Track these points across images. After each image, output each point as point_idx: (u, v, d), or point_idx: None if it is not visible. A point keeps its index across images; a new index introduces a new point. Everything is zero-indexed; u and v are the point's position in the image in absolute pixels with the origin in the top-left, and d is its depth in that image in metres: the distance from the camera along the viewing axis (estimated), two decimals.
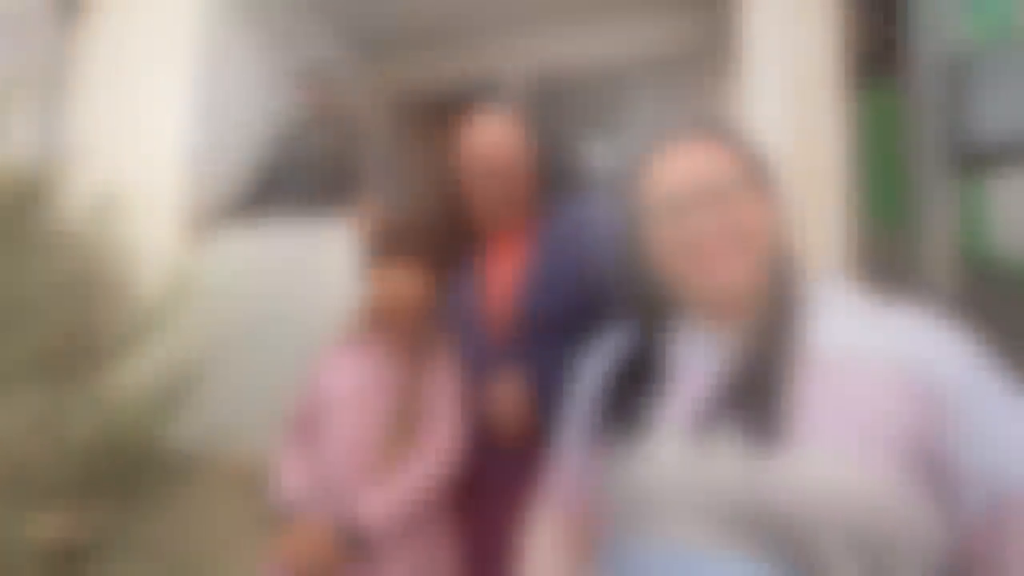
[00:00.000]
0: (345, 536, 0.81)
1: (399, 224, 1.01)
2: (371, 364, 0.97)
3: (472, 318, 0.96)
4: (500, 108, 1.07)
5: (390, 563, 0.84)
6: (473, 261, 1.03)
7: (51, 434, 1.13)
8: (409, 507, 0.86)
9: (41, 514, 1.13)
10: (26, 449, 0.90)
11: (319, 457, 0.97)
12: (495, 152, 1.00)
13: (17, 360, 0.97)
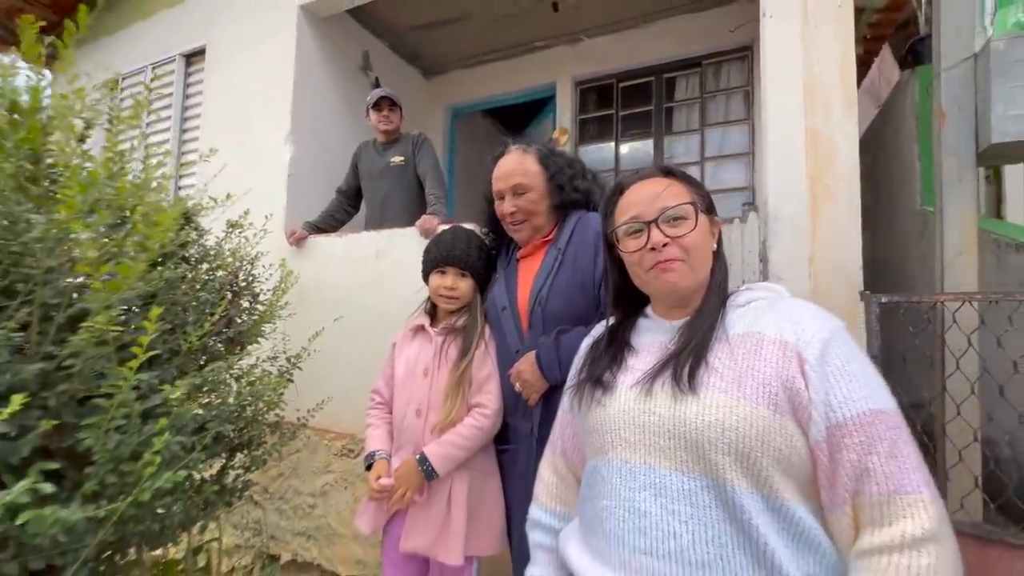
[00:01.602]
0: (421, 468, 1.13)
1: (450, 241, 1.31)
2: (432, 346, 1.28)
3: (506, 312, 1.25)
4: (523, 145, 1.33)
5: (455, 483, 1.16)
6: (507, 268, 1.31)
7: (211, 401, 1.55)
8: (465, 448, 1.17)
9: (206, 461, 1.55)
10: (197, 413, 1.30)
11: (396, 416, 1.30)
12: (518, 174, 1.27)
13: (188, 346, 1.38)
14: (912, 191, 2.70)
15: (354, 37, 3.26)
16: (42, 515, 0.88)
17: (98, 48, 3.68)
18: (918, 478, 0.65)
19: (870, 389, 0.70)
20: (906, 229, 3.00)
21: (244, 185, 2.46)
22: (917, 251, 2.84)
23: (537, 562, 0.91)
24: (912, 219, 2.89)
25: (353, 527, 2.19)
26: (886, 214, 3.25)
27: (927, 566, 0.61)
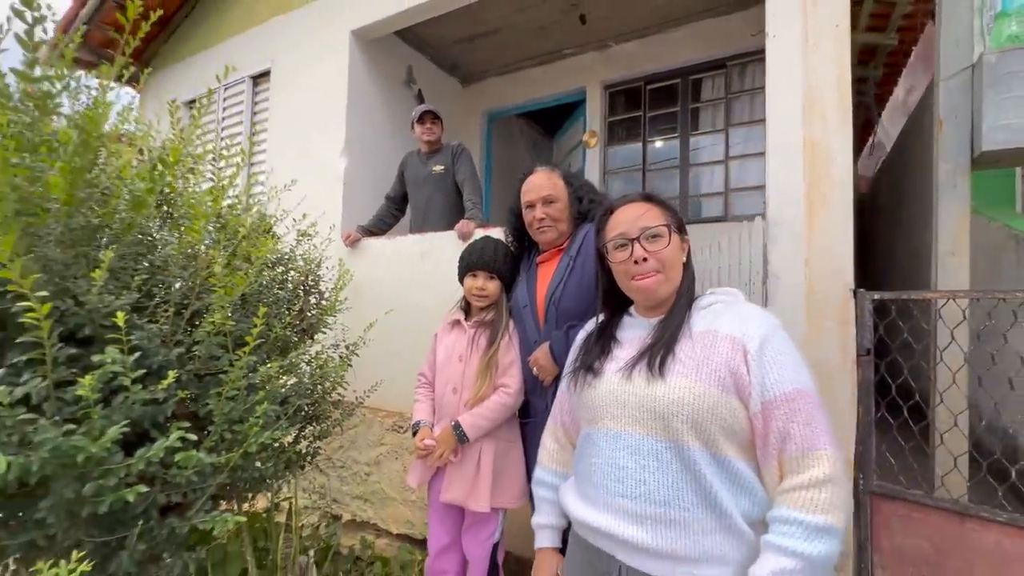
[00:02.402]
0: (455, 433, 1.42)
1: (481, 249, 1.58)
2: (466, 336, 1.56)
3: (526, 309, 1.50)
4: (548, 167, 1.58)
5: (483, 447, 1.44)
6: (528, 271, 1.56)
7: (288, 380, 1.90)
8: (493, 420, 1.44)
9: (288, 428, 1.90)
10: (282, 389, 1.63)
11: (437, 393, 1.59)
12: (546, 189, 1.52)
13: (273, 336, 1.71)
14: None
15: (398, 53, 3.56)
16: (190, 455, 1.22)
17: (176, 71, 4.17)
18: (825, 439, 0.87)
19: (795, 373, 0.91)
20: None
21: (306, 194, 2.82)
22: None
23: (541, 511, 1.18)
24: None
25: (403, 492, 2.54)
26: (924, 210, 3.27)
27: (824, 499, 0.83)
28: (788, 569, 0.82)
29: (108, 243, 1.34)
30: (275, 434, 1.45)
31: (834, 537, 0.83)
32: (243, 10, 3.75)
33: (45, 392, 1.13)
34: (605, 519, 0.96)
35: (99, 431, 1.14)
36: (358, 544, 2.68)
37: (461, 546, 1.54)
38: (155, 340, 1.30)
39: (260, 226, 1.92)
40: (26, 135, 1.14)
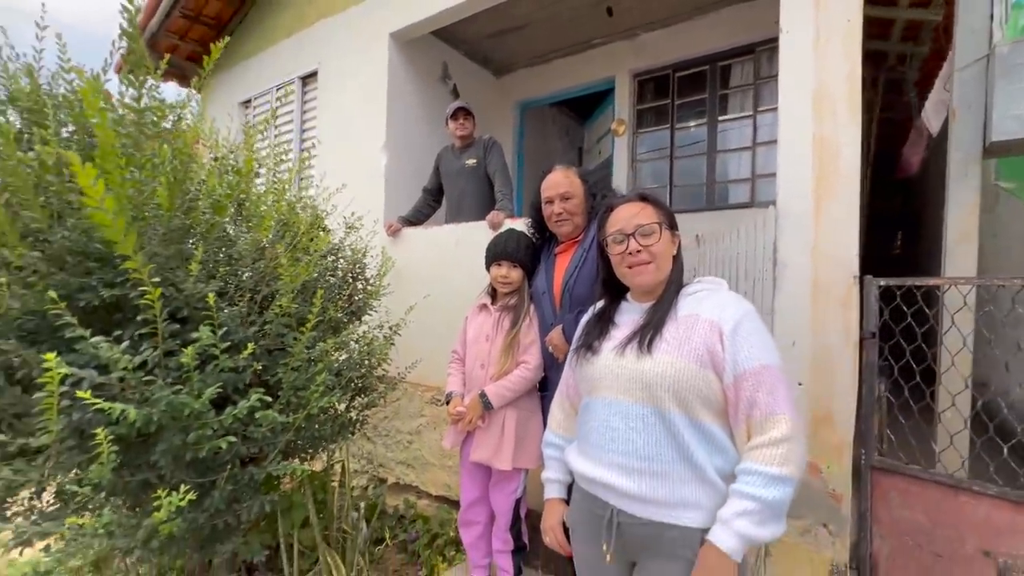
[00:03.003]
0: (482, 401, 1.64)
1: (505, 241, 1.77)
2: (492, 318, 1.77)
3: (545, 295, 1.69)
4: (565, 166, 1.74)
5: (507, 415, 1.66)
6: (547, 260, 1.75)
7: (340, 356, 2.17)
8: (514, 391, 1.65)
9: (342, 396, 2.17)
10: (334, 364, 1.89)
11: (467, 368, 1.81)
12: (559, 190, 1.69)
13: (328, 317, 1.97)
14: (989, 165, 2.70)
15: (433, 50, 3.75)
16: (267, 413, 1.49)
17: (232, 73, 4.52)
18: (785, 406, 1.03)
19: (763, 352, 1.07)
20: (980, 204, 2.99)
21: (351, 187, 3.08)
22: (988, 226, 2.86)
23: (550, 468, 1.38)
24: (986, 194, 2.89)
25: (442, 458, 2.81)
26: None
27: (781, 454, 0.99)
28: (748, 510, 0.99)
29: (196, 241, 1.62)
30: (331, 400, 1.72)
31: (788, 485, 0.99)
32: (291, 15, 4.02)
33: (157, 360, 1.43)
34: (600, 471, 1.15)
35: (198, 392, 1.43)
36: (402, 504, 2.99)
37: (489, 500, 1.77)
38: (236, 320, 1.58)
39: (315, 222, 2.19)
40: (134, 155, 1.42)
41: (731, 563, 1.00)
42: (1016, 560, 1.53)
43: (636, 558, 1.14)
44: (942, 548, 1.67)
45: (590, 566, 1.22)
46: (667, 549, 1.07)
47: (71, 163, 1.04)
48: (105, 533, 1.43)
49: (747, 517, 0.99)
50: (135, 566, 2.15)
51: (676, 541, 1.06)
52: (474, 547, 1.84)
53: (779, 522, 1.02)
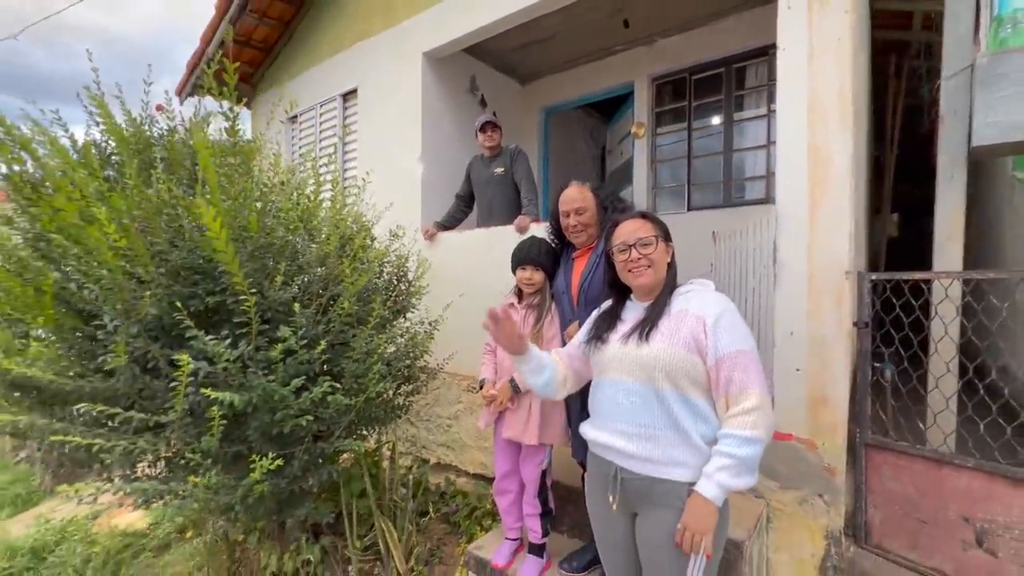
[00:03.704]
0: (511, 386, 1.92)
1: (528, 248, 2.03)
2: (519, 315, 2.04)
3: (564, 295, 1.95)
4: (580, 182, 1.99)
5: (533, 399, 1.93)
6: (566, 264, 2.00)
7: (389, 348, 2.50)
8: None
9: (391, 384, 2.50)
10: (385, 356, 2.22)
11: (498, 358, 2.10)
12: (574, 205, 1.94)
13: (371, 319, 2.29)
14: (1007, 161, 2.78)
15: (463, 65, 4.02)
16: (336, 397, 1.83)
17: (282, 92, 4.92)
18: (756, 382, 1.26)
19: (739, 339, 1.31)
20: (1000, 194, 3.08)
21: (390, 196, 3.41)
22: (1007, 217, 2.96)
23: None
24: (1004, 185, 2.99)
25: (478, 440, 3.12)
26: (989, 183, 3.28)
27: (751, 420, 1.23)
28: (727, 465, 1.24)
29: (274, 255, 1.96)
30: (384, 386, 2.04)
31: (757, 445, 1.23)
32: (332, 37, 4.37)
33: (250, 354, 1.77)
34: (607, 436, 1.42)
35: (283, 380, 1.78)
36: (443, 481, 3.32)
37: (519, 472, 2.06)
38: (309, 320, 1.92)
39: (364, 233, 2.52)
40: (229, 189, 1.77)
41: (714, 507, 1.25)
42: (991, 524, 1.71)
43: (637, 509, 1.40)
44: (927, 515, 1.86)
45: (601, 518, 1.49)
46: (660, 499, 1.33)
47: (197, 206, 1.37)
48: (213, 491, 1.79)
49: (726, 471, 1.24)
50: (225, 526, 2.56)
51: (668, 493, 1.32)
52: (508, 512, 2.13)
53: (752, 474, 1.26)
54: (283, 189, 2.28)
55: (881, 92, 4.72)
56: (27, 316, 1.71)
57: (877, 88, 4.69)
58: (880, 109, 4.89)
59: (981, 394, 1.73)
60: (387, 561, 2.63)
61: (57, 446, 1.89)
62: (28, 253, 1.77)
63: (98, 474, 2.17)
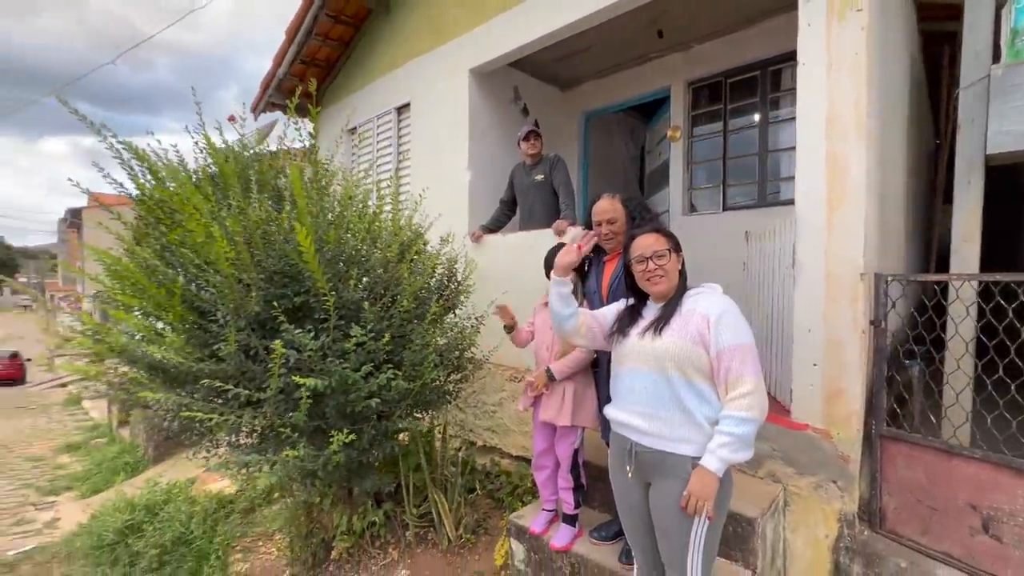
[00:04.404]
0: (547, 375, 2.20)
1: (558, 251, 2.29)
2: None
3: (595, 294, 2.19)
4: (611, 193, 2.22)
5: (566, 386, 2.20)
6: (597, 267, 2.24)
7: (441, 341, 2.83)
8: (571, 368, 2.18)
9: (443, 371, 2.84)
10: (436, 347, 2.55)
11: (535, 350, 2.37)
12: (606, 216, 2.18)
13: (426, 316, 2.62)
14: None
15: (506, 76, 4.29)
16: (398, 383, 2.17)
17: (342, 105, 5.38)
18: (751, 371, 1.47)
19: (737, 335, 1.51)
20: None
21: (440, 200, 3.73)
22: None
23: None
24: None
25: (520, 425, 3.41)
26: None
27: (747, 403, 1.45)
28: (726, 442, 1.46)
29: (346, 261, 2.33)
30: (436, 373, 2.37)
31: (752, 424, 1.45)
32: (386, 55, 4.76)
33: (328, 344, 2.14)
34: (625, 416, 1.66)
35: (355, 367, 2.13)
36: (488, 462, 3.65)
37: (554, 450, 2.33)
38: (375, 316, 2.27)
39: (419, 240, 2.86)
40: (313, 210, 2.13)
41: (715, 478, 1.48)
42: (997, 512, 1.82)
43: (650, 479, 1.64)
44: (938, 502, 1.98)
45: (620, 486, 1.74)
46: (669, 471, 1.57)
47: (285, 220, 1.73)
48: (301, 460, 2.17)
49: (726, 447, 1.47)
50: (305, 491, 2.99)
51: (676, 465, 1.55)
52: (544, 486, 2.41)
53: (748, 450, 1.48)
54: (351, 202, 2.66)
55: (937, 83, 4.60)
56: (159, 312, 2.16)
57: (933, 79, 4.58)
58: (937, 100, 4.76)
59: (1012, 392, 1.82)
60: (439, 528, 2.98)
61: (162, 422, 2.35)
62: (158, 262, 2.21)
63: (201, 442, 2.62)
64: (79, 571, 3.33)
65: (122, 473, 5.29)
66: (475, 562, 2.85)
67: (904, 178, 3.14)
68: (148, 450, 5.60)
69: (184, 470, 4.88)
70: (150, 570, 3.19)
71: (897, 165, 2.81)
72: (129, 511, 3.71)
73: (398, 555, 2.94)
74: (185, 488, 4.16)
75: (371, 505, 2.93)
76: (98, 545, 3.53)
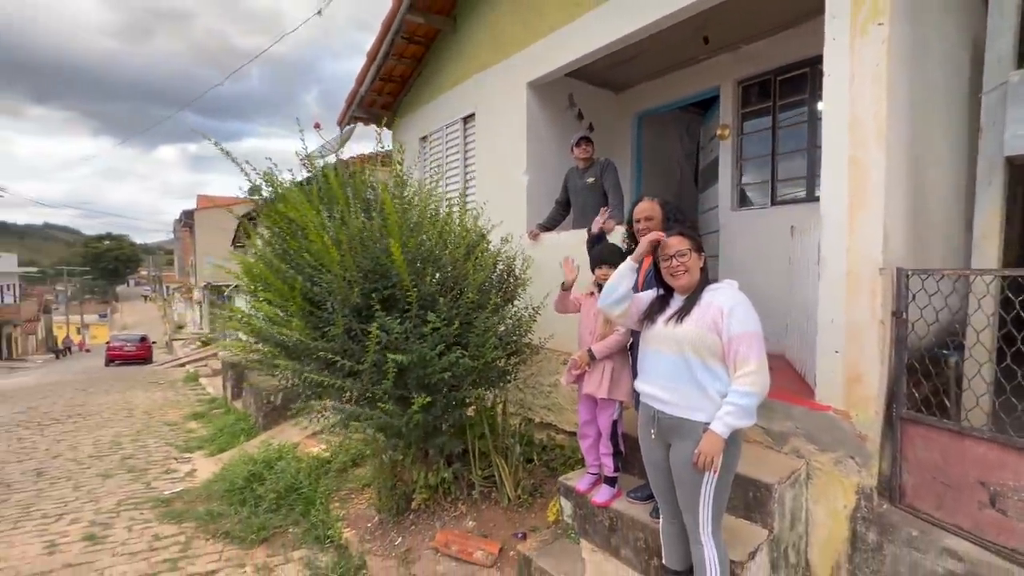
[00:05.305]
0: (589, 354, 2.58)
1: (605, 248, 2.64)
2: (596, 300, 2.67)
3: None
4: (650, 196, 2.54)
5: (605, 364, 2.57)
6: None
7: (501, 327, 3.29)
8: (610, 348, 2.55)
9: (503, 353, 3.30)
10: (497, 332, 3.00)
11: (579, 333, 2.76)
12: (644, 214, 2.51)
13: (488, 306, 3.07)
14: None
15: (561, 85, 4.63)
16: (465, 362, 2.65)
17: (414, 116, 5.98)
18: (756, 354, 1.78)
19: (746, 324, 1.82)
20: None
21: (501, 202, 4.18)
22: None
23: None
24: None
25: (573, 404, 3.81)
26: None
27: (750, 380, 1.76)
28: (731, 411, 1.78)
29: (422, 260, 2.83)
30: (496, 354, 2.83)
31: (754, 397, 1.76)
32: (455, 69, 5.26)
33: (410, 328, 2.66)
34: (651, 389, 2.02)
35: (430, 347, 2.64)
36: (545, 437, 4.09)
37: (596, 421, 2.71)
38: (446, 306, 2.76)
39: (482, 242, 3.33)
40: (399, 221, 2.65)
41: (721, 439, 1.80)
42: (1003, 488, 1.98)
43: (670, 440, 1.99)
44: (952, 480, 2.15)
45: (646, 447, 2.10)
46: (686, 434, 1.91)
47: (391, 243, 2.24)
48: (389, 416, 2.72)
49: (731, 415, 1.79)
50: (390, 452, 3.58)
51: (691, 429, 1.89)
52: (588, 452, 2.81)
53: (750, 418, 1.79)
54: (425, 208, 3.17)
55: None
56: (283, 303, 2.78)
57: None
58: None
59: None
60: (500, 488, 3.46)
61: (269, 397, 2.98)
62: (281, 263, 2.84)
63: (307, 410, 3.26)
64: (217, 507, 4.17)
65: (241, 436, 6.30)
66: (531, 518, 3.30)
67: (956, 175, 3.14)
68: (258, 419, 6.59)
69: (288, 436, 5.75)
70: (270, 510, 3.95)
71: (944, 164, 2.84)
72: (252, 464, 4.55)
73: (466, 509, 3.46)
74: (292, 449, 4.97)
75: (443, 465, 3.47)
76: (230, 489, 4.38)
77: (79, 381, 15.36)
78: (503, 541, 3.07)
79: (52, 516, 4.32)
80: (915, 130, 2.48)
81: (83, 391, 12.58)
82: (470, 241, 3.01)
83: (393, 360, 2.51)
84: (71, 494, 4.87)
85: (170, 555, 3.52)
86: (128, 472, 5.52)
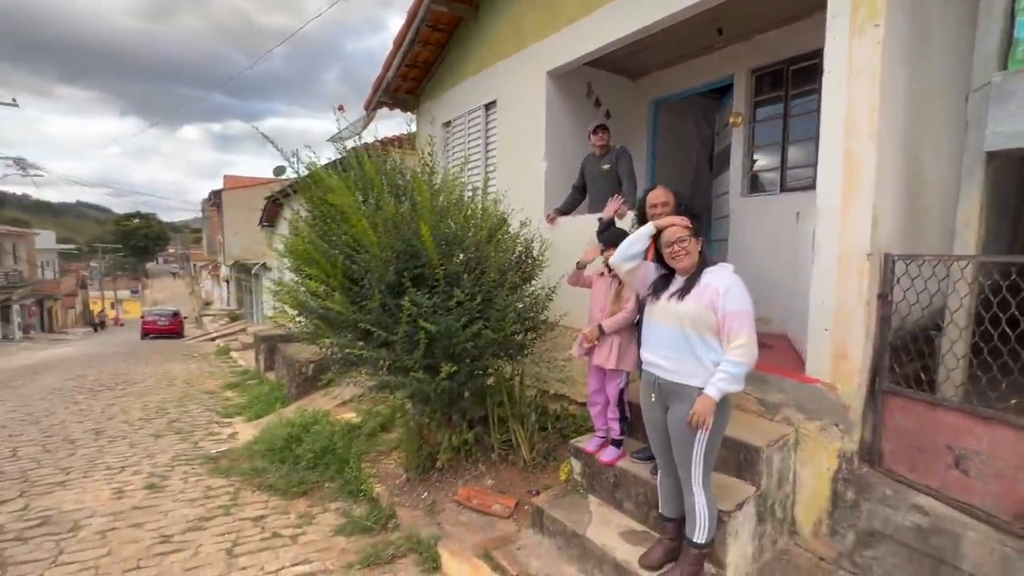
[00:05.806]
0: (599, 329, 2.85)
1: (614, 232, 2.89)
2: (606, 281, 2.93)
3: None
4: (663, 184, 2.76)
5: (613, 338, 2.84)
6: None
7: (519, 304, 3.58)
8: (618, 324, 2.82)
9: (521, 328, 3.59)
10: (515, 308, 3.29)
11: (590, 310, 3.03)
12: (660, 200, 2.74)
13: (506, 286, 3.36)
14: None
15: (579, 74, 4.80)
16: (486, 334, 2.95)
17: (438, 101, 6.20)
18: (746, 329, 2.03)
19: (739, 302, 2.07)
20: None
21: (520, 187, 4.42)
22: None
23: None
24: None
25: (585, 377, 4.10)
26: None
27: (740, 352, 2.02)
28: (723, 377, 2.04)
29: (448, 242, 3.12)
30: (514, 328, 3.12)
31: (743, 367, 2.01)
32: (477, 56, 5.45)
33: (437, 303, 2.96)
34: (653, 357, 2.29)
35: (456, 320, 2.94)
36: (558, 407, 4.40)
37: (604, 389, 3.00)
38: (470, 284, 3.06)
39: (503, 226, 3.60)
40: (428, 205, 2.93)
41: (713, 402, 2.06)
42: (966, 451, 2.22)
43: (668, 403, 2.26)
44: (924, 445, 2.39)
45: (647, 408, 2.39)
46: (683, 397, 2.18)
47: (420, 228, 2.53)
48: (419, 382, 3.05)
49: (723, 381, 2.05)
50: (417, 417, 3.94)
51: (687, 393, 2.16)
52: (597, 418, 3.10)
53: (739, 384, 2.05)
54: (451, 194, 3.44)
55: None
56: (326, 279, 3.10)
57: None
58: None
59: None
60: (517, 451, 3.80)
61: (301, 368, 3.32)
62: (323, 243, 3.15)
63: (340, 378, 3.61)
64: (260, 464, 4.62)
65: (276, 404, 6.78)
66: (545, 478, 3.63)
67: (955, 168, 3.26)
68: (291, 389, 7.05)
69: (320, 404, 6.19)
70: (308, 467, 4.37)
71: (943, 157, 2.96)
72: (290, 427, 4.98)
73: (485, 469, 3.81)
74: (325, 415, 5.39)
75: (465, 428, 3.81)
76: (271, 449, 4.82)
77: (119, 353, 16.27)
78: (519, 497, 3.41)
79: (115, 468, 4.83)
80: (911, 125, 2.64)
81: (124, 362, 13.39)
82: (492, 225, 3.28)
83: (424, 329, 2.82)
84: (128, 450, 5.40)
85: (222, 503, 3.96)
86: (176, 433, 6.04)
